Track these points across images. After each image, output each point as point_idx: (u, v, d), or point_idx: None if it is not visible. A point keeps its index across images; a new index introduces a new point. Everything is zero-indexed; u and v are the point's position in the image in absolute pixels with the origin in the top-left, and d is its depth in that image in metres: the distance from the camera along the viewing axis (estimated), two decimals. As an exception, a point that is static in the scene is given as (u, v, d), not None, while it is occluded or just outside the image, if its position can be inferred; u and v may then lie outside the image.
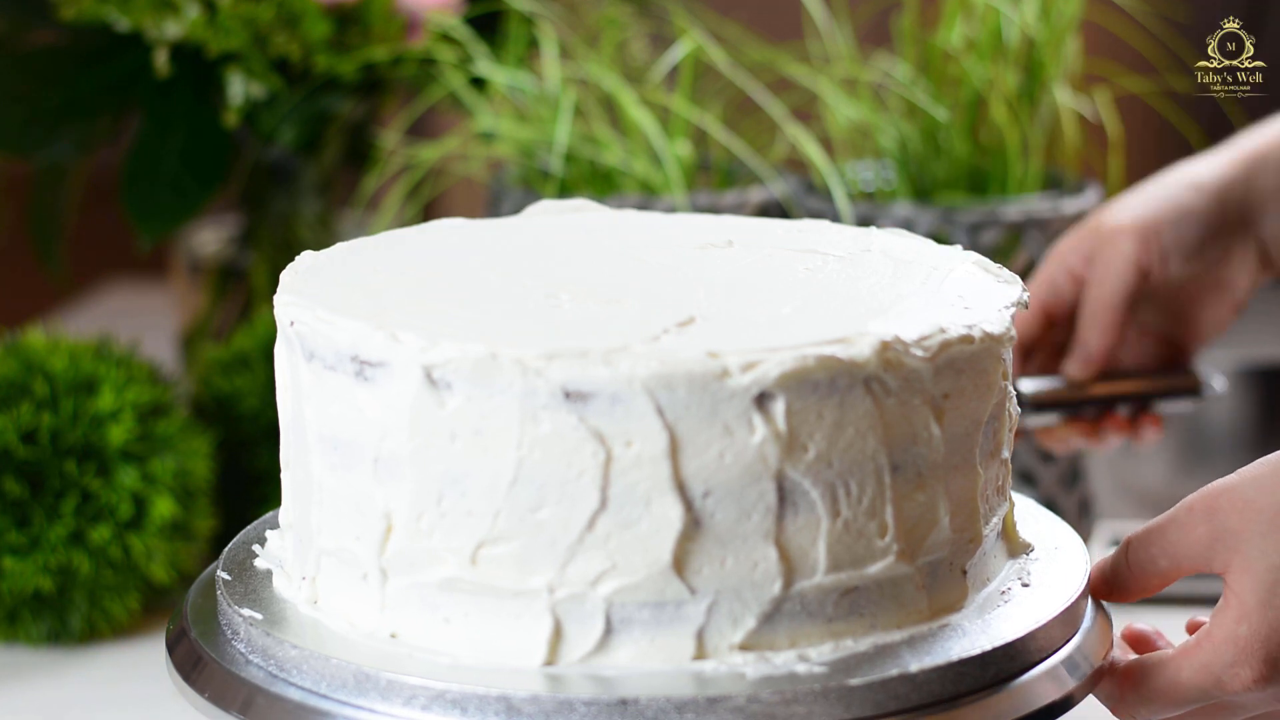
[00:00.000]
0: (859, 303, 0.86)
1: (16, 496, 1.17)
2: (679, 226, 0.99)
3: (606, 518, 0.79)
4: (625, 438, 0.79)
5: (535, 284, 0.88)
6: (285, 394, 0.88)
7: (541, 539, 0.80)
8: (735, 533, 0.80)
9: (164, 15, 1.35)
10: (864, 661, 0.80)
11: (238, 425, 1.29)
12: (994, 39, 1.28)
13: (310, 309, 0.85)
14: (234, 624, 0.86)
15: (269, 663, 0.84)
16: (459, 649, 0.81)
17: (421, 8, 1.41)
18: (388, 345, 0.81)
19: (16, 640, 1.20)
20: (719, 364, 0.79)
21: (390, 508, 0.82)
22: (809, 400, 0.80)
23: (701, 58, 1.34)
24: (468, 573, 0.81)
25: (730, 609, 0.80)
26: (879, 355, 0.81)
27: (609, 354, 0.79)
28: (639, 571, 0.80)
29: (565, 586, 0.80)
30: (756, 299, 0.87)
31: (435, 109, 1.42)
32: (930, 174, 1.31)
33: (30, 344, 1.22)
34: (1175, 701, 0.86)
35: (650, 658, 0.80)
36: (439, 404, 0.80)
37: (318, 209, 1.50)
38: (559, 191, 1.31)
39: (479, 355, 0.79)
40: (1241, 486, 0.85)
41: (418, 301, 0.86)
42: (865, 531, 0.82)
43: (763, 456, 0.79)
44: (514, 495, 0.80)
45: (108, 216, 1.55)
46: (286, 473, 0.89)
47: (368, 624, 0.84)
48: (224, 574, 0.90)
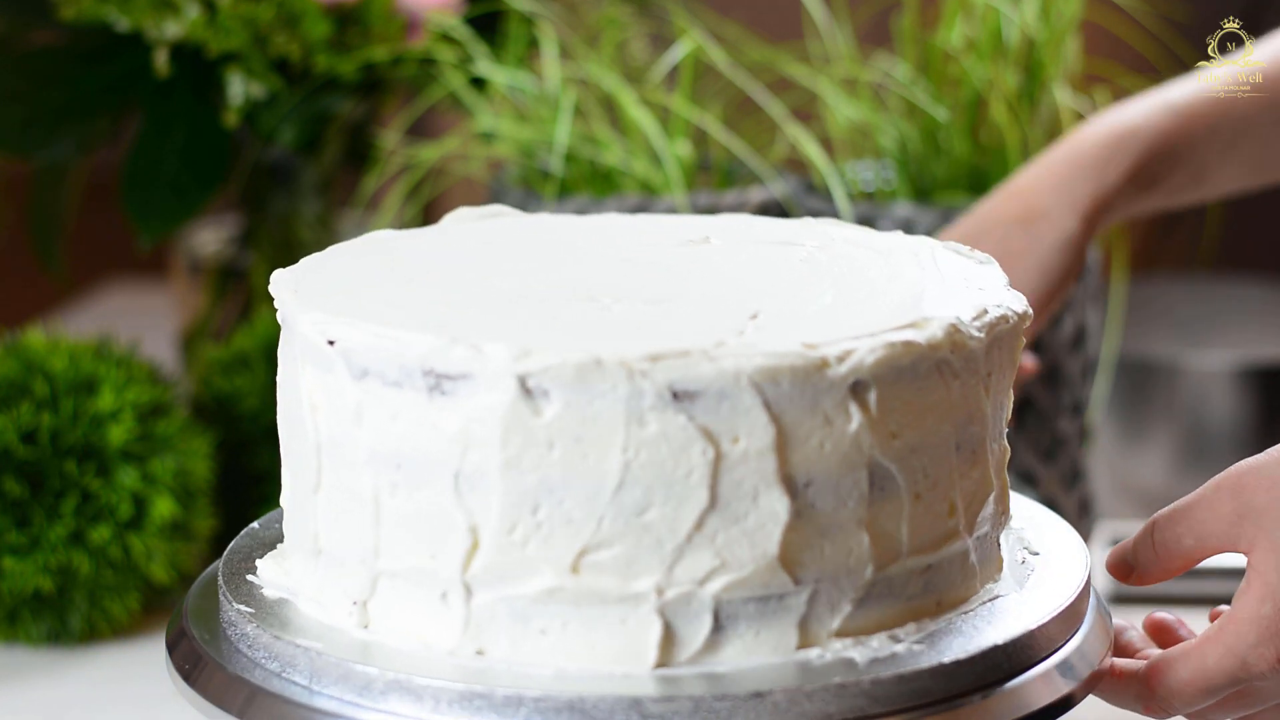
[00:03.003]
0: (887, 290, 0.88)
1: (16, 496, 1.17)
2: (625, 226, 1.00)
3: (715, 515, 0.79)
4: (732, 434, 0.79)
5: (562, 288, 0.87)
6: (314, 415, 0.85)
7: (647, 541, 0.80)
8: (833, 521, 0.81)
9: (164, 15, 1.35)
10: (944, 636, 0.83)
11: (238, 425, 1.29)
12: (994, 39, 1.28)
13: (362, 325, 0.82)
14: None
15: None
16: (558, 659, 0.80)
17: (421, 8, 1.41)
18: (470, 357, 0.79)
19: (16, 640, 1.20)
20: (818, 355, 0.80)
21: (476, 522, 0.81)
22: (895, 386, 0.81)
23: (701, 58, 1.34)
24: (568, 581, 0.80)
25: (829, 596, 0.82)
26: (949, 337, 0.83)
27: (713, 351, 0.79)
28: (746, 566, 0.80)
29: (674, 587, 0.80)
30: (788, 291, 0.88)
31: (435, 109, 1.42)
32: (930, 174, 1.31)
33: (30, 344, 1.22)
34: (1205, 690, 0.85)
35: (756, 651, 0.81)
36: (534, 413, 0.79)
37: (318, 209, 1.50)
38: (559, 191, 1.32)
39: (581, 360, 0.78)
40: (1269, 465, 0.85)
41: (459, 309, 0.85)
42: (938, 511, 0.84)
43: (858, 444, 0.81)
44: (619, 499, 0.79)
45: (108, 216, 1.55)
46: (316, 496, 0.86)
47: (446, 643, 0.82)
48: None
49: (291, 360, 0.87)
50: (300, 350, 0.85)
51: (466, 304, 0.86)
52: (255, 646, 0.84)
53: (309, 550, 0.87)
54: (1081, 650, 0.86)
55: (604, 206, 1.27)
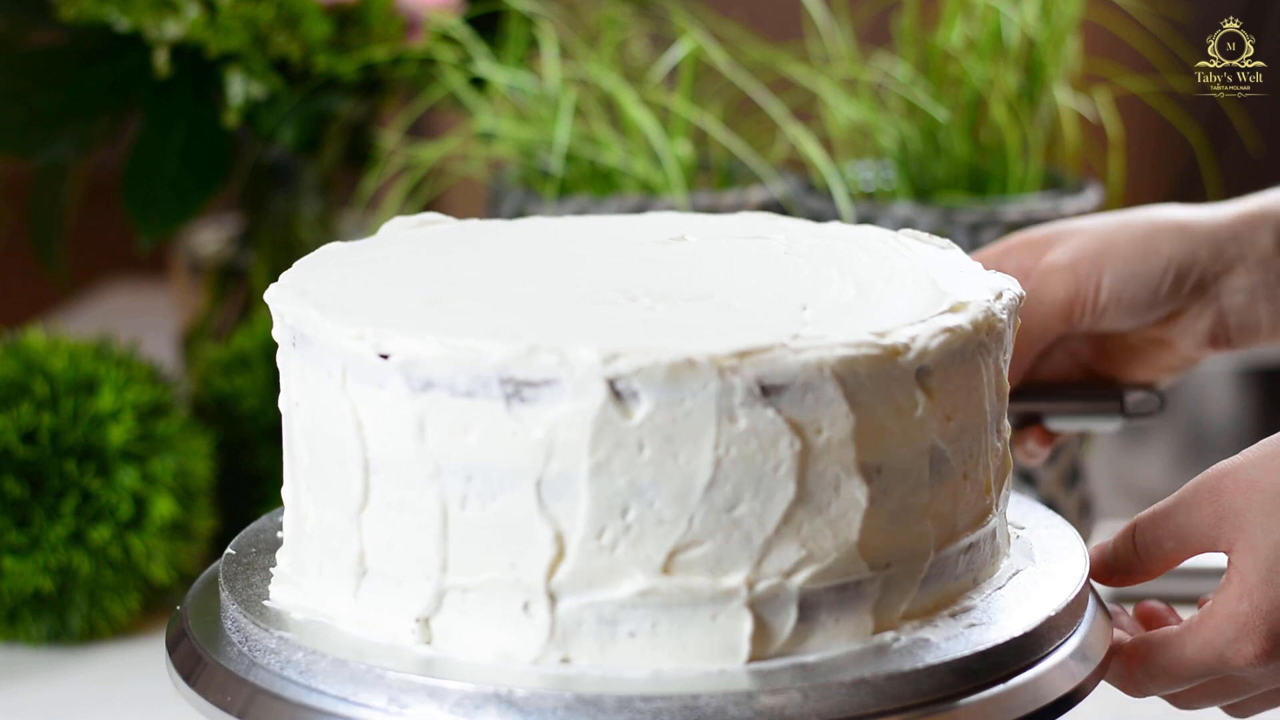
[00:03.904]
0: (895, 278, 0.89)
1: (16, 496, 1.17)
2: (588, 227, 0.99)
3: (801, 507, 0.81)
4: (816, 425, 0.80)
5: (594, 290, 0.87)
6: (359, 433, 0.83)
7: (737, 536, 0.80)
8: (902, 505, 0.83)
9: (164, 15, 1.35)
10: (999, 612, 0.85)
11: (238, 425, 1.29)
12: (994, 39, 1.28)
13: (426, 337, 0.81)
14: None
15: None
16: (650, 661, 0.80)
17: (421, 8, 1.41)
18: (555, 363, 0.79)
19: (16, 640, 1.21)
20: (889, 343, 0.81)
21: (561, 529, 0.80)
22: (949, 369, 0.83)
23: (701, 58, 1.34)
24: (660, 582, 0.80)
25: (898, 580, 0.83)
26: (987, 319, 0.85)
27: (794, 345, 0.80)
28: (830, 556, 0.81)
29: (763, 581, 0.81)
30: (811, 283, 0.88)
31: (435, 109, 1.42)
32: (930, 174, 1.31)
33: (30, 344, 1.22)
34: (1180, 677, 0.88)
35: (837, 638, 0.82)
36: (624, 415, 0.79)
37: (318, 209, 1.50)
38: (559, 191, 1.32)
39: (674, 360, 0.79)
40: (1245, 467, 0.87)
41: (515, 315, 0.84)
42: (979, 490, 0.86)
43: (923, 428, 0.83)
44: (710, 497, 0.80)
45: (108, 216, 1.55)
46: (363, 515, 0.84)
47: (529, 653, 0.81)
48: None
49: (320, 377, 0.84)
50: (336, 366, 0.83)
51: (510, 309, 0.85)
52: (311, 674, 0.82)
53: (349, 571, 0.85)
54: (1099, 616, 0.89)
55: (604, 207, 1.27)
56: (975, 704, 0.81)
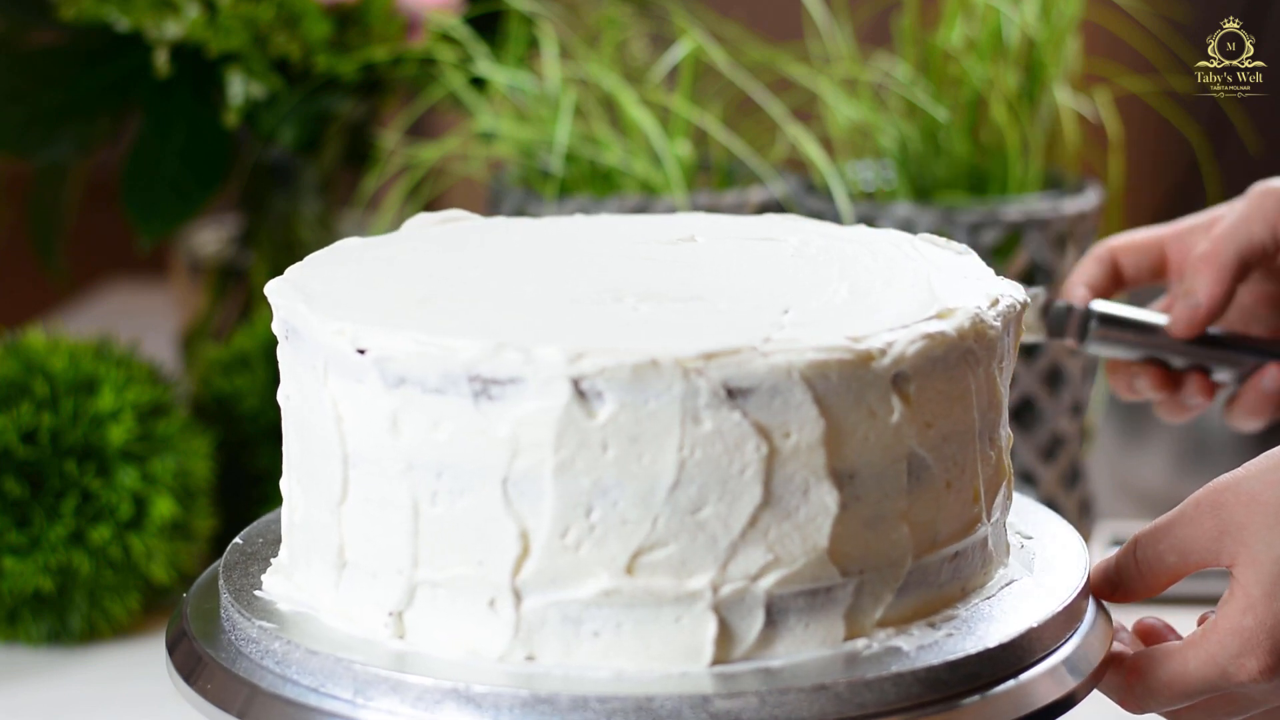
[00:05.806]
0: (894, 283, 0.89)
1: (16, 496, 1.17)
2: (592, 227, 1.00)
3: (768, 511, 0.80)
4: (784, 429, 0.80)
5: (582, 289, 0.87)
6: (339, 427, 0.84)
7: (702, 539, 0.80)
8: (876, 512, 0.82)
9: (164, 15, 1.35)
10: (980, 622, 0.84)
11: (238, 425, 1.29)
12: (994, 39, 1.28)
13: (400, 333, 0.81)
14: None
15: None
16: (614, 661, 0.80)
17: (421, 8, 1.41)
18: (521, 361, 0.79)
19: (16, 640, 1.21)
20: (864, 348, 0.81)
21: (526, 527, 0.80)
22: (930, 376, 0.83)
23: (701, 58, 1.34)
24: (624, 583, 0.80)
25: (872, 587, 0.82)
26: (974, 326, 0.84)
27: (763, 348, 0.79)
28: (798, 561, 0.81)
29: (728, 584, 0.80)
30: (805, 286, 0.88)
31: (435, 109, 1.42)
32: (930, 174, 1.31)
33: (30, 344, 1.22)
34: (1182, 693, 0.87)
35: (806, 644, 0.82)
36: (588, 415, 0.79)
37: (318, 209, 1.50)
38: (559, 192, 1.32)
39: (638, 361, 0.78)
40: (1247, 480, 0.87)
41: (491, 313, 0.84)
42: (965, 498, 0.85)
43: (899, 435, 0.82)
44: (674, 498, 0.80)
45: (108, 216, 1.56)
46: (342, 508, 0.85)
47: (494, 650, 0.81)
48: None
49: (305, 370, 0.85)
50: (319, 360, 0.84)
51: (494, 308, 0.85)
52: (286, 663, 0.83)
53: (330, 564, 0.86)
54: (1096, 628, 0.88)
55: (604, 206, 1.27)
56: (943, 715, 0.80)
